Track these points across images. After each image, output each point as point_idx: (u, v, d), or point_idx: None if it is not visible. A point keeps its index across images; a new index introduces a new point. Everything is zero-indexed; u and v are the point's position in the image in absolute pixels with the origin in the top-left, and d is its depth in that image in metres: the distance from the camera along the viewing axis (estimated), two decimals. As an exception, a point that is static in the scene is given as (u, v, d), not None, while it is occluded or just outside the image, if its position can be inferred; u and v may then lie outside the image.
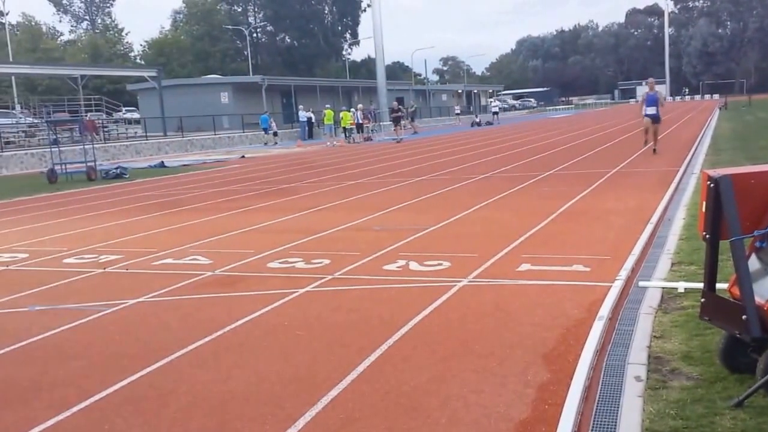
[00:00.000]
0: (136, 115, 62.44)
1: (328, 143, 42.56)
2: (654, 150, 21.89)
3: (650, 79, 23.38)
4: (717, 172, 4.43)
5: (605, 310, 6.19)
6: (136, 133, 51.42)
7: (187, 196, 18.09)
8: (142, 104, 63.87)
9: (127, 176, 25.52)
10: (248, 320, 6.58)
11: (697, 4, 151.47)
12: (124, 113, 63.41)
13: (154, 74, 54.58)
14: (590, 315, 6.11)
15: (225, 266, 8.99)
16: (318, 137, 50.48)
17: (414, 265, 8.45)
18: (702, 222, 4.61)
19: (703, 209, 4.55)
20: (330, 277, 8.11)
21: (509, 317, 6.22)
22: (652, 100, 21.71)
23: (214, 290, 7.86)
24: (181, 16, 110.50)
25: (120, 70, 67.88)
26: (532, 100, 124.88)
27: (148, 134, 47.75)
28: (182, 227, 12.63)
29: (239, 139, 49.28)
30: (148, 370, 5.41)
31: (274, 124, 48.64)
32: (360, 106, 48.51)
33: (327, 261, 8.96)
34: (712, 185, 4.41)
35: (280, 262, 9.06)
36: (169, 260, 9.66)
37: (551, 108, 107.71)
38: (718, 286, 4.78)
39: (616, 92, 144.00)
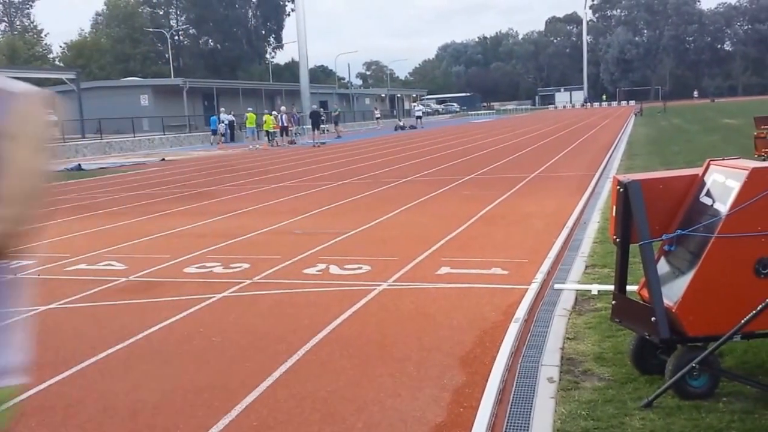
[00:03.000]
0: (54, 118, 60.63)
1: (251, 146, 42.16)
2: None
3: None
4: (627, 178, 4.53)
5: (521, 312, 6.26)
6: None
7: (103, 199, 17.67)
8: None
9: (41, 179, 24.73)
10: (162, 327, 6.43)
11: (614, 12, 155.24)
12: (43, 116, 61.45)
13: (72, 76, 53.23)
14: (507, 317, 6.17)
15: (140, 272, 8.79)
16: (240, 140, 49.91)
17: (334, 269, 8.42)
18: (613, 226, 4.70)
19: (614, 213, 4.64)
20: (248, 281, 8.01)
21: (427, 321, 6.24)
22: None
23: (127, 297, 7.68)
24: (102, 18, 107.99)
25: (38, 72, 65.70)
26: (454, 104, 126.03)
27: (65, 137, 46.46)
28: (96, 231, 12.31)
29: (159, 141, 48.34)
30: (56, 379, 5.24)
31: (221, 126, 48.03)
32: (283, 108, 48.13)
33: (246, 265, 8.85)
34: (621, 190, 4.49)
35: (197, 267, 8.91)
36: (83, 266, 9.39)
37: (473, 113, 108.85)
38: (629, 288, 4.89)
39: (537, 98, 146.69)
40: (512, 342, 5.50)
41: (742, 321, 4.08)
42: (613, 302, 4.83)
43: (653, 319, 4.27)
